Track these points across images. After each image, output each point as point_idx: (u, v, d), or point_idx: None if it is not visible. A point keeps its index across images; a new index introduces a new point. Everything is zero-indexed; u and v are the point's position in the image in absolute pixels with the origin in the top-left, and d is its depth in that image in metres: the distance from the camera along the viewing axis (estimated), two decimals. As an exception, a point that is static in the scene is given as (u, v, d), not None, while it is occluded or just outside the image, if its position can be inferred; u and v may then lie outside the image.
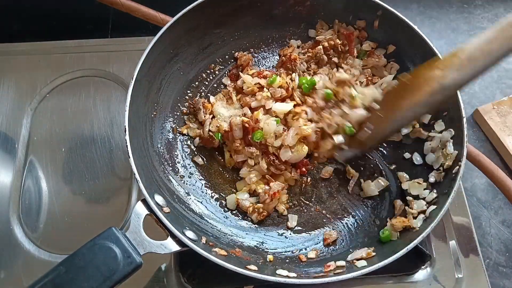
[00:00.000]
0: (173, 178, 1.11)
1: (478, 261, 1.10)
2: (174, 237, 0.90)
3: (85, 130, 1.25)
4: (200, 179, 1.15)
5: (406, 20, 1.10)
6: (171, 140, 1.17)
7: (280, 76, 1.18)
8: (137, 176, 0.93)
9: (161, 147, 1.13)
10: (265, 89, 1.16)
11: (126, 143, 0.95)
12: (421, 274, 1.08)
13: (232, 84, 1.24)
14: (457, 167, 0.98)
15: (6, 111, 1.27)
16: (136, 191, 1.17)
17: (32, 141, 1.23)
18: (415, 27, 1.11)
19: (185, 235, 0.91)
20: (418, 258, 1.09)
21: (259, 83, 1.17)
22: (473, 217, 1.17)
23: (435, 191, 1.02)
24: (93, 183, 1.18)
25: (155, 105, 1.14)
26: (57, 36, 1.37)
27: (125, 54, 1.34)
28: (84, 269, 0.80)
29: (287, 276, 0.92)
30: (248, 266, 0.93)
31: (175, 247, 0.89)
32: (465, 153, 0.99)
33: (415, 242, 0.90)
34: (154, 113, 1.13)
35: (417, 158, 1.12)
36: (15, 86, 1.30)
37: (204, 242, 0.97)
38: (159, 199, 0.98)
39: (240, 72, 1.23)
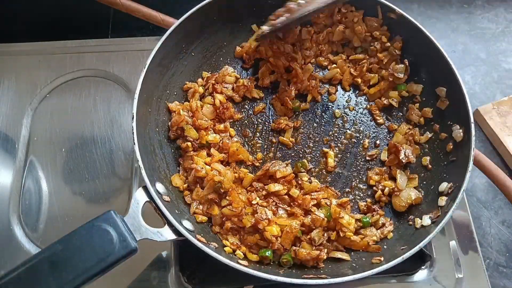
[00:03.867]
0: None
1: (478, 261, 1.10)
2: (171, 225, 0.90)
3: (85, 130, 1.25)
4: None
5: (416, 22, 1.10)
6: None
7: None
8: (140, 163, 0.93)
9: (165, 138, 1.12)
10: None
11: (133, 130, 0.96)
12: (421, 274, 1.08)
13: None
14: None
15: (6, 111, 1.26)
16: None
17: (32, 141, 1.23)
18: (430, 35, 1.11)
19: (182, 224, 0.91)
20: (418, 258, 1.08)
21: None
22: (473, 217, 1.17)
23: None
24: (93, 183, 1.18)
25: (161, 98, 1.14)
26: (57, 36, 1.37)
27: (125, 54, 1.34)
28: (80, 249, 0.81)
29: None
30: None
31: (171, 236, 0.89)
32: (472, 157, 0.99)
33: (421, 245, 0.92)
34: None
35: None
36: (15, 86, 1.30)
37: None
38: (160, 187, 0.98)
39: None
